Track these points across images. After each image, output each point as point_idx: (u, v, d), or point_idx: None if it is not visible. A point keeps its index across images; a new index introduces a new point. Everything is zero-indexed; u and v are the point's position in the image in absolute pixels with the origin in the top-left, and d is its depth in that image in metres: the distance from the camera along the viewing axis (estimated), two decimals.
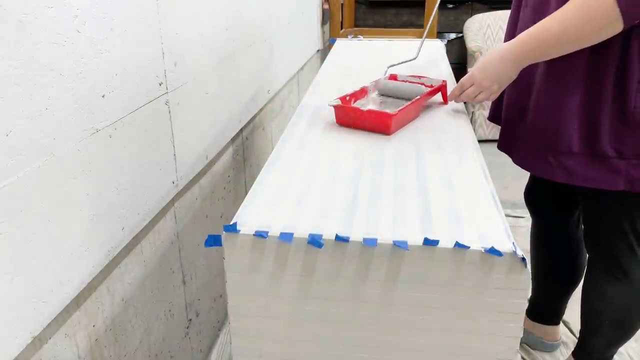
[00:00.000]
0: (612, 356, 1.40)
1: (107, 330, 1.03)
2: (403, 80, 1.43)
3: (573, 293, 1.55)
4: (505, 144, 1.30)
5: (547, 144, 1.14)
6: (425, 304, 0.77)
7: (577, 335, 1.67)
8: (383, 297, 0.77)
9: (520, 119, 1.22)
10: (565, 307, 1.59)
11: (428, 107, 1.30)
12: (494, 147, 1.36)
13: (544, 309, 1.61)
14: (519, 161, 1.23)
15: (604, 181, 1.09)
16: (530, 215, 1.55)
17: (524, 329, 1.62)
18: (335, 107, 1.18)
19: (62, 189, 0.84)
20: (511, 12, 1.30)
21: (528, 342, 1.65)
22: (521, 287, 0.74)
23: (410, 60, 1.43)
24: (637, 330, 1.32)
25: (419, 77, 1.40)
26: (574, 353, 1.45)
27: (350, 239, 0.75)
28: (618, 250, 1.21)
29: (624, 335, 1.33)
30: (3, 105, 0.71)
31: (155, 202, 1.14)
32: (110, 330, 1.04)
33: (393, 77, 1.45)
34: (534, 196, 1.51)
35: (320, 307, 0.79)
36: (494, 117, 1.38)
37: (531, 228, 1.57)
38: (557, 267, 1.52)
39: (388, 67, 1.41)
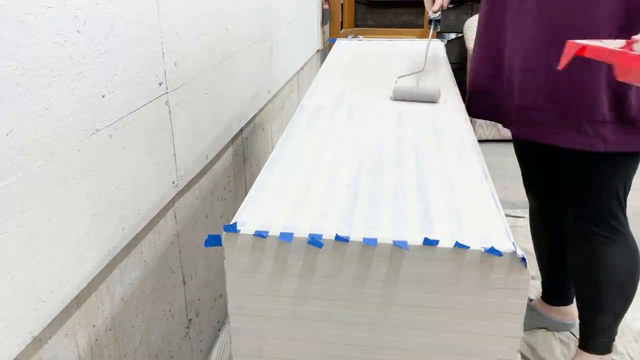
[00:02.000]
0: (614, 335, 1.43)
1: (107, 330, 1.03)
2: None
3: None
4: (525, 131, 1.33)
5: (585, 116, 1.21)
6: (426, 304, 0.77)
7: (579, 336, 1.67)
8: (383, 297, 0.77)
9: (549, 102, 1.26)
10: None
11: (428, 106, 1.30)
12: (494, 147, 1.37)
13: (559, 290, 1.67)
14: (559, 140, 1.27)
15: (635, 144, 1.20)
16: (531, 201, 1.60)
17: (544, 315, 1.71)
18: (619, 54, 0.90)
19: (62, 189, 0.84)
20: (487, 15, 1.37)
21: (550, 327, 1.71)
22: (521, 287, 0.74)
23: (417, 72, 1.51)
24: (634, 294, 1.37)
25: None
26: (581, 345, 1.46)
27: (350, 239, 0.75)
28: (613, 211, 1.29)
29: (627, 302, 1.38)
30: (3, 105, 0.71)
31: (155, 202, 1.14)
32: (110, 330, 1.04)
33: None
34: (533, 181, 1.56)
35: (320, 307, 0.79)
36: (483, 111, 1.43)
37: (532, 215, 1.63)
38: (564, 244, 1.58)
39: (398, 78, 1.46)
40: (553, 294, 1.70)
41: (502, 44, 1.33)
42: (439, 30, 1.53)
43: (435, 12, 1.48)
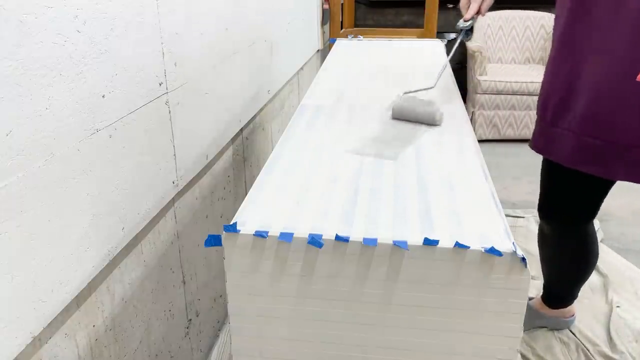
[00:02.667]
0: None
1: (107, 330, 1.03)
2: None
3: None
4: (623, 173, 1.13)
5: None
6: (426, 304, 0.77)
7: (579, 337, 1.67)
8: (383, 297, 0.77)
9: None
10: None
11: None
12: (494, 147, 1.34)
13: (564, 294, 1.64)
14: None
15: None
16: (549, 224, 1.46)
17: (545, 315, 1.67)
18: None
19: (62, 189, 0.84)
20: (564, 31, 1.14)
21: (550, 325, 1.69)
22: (521, 287, 0.74)
23: (427, 89, 1.32)
24: None
25: None
26: None
27: (350, 239, 0.75)
28: None
29: None
30: (3, 105, 0.71)
31: (155, 202, 1.14)
32: (110, 330, 1.04)
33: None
34: (563, 204, 1.38)
35: (320, 307, 0.79)
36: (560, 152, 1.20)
37: (546, 232, 1.49)
38: (580, 261, 1.50)
39: (403, 94, 1.30)
40: (557, 299, 1.66)
41: (582, 67, 1.11)
42: (468, 39, 1.37)
43: (467, 21, 1.27)
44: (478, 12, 1.26)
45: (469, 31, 1.30)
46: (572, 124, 1.15)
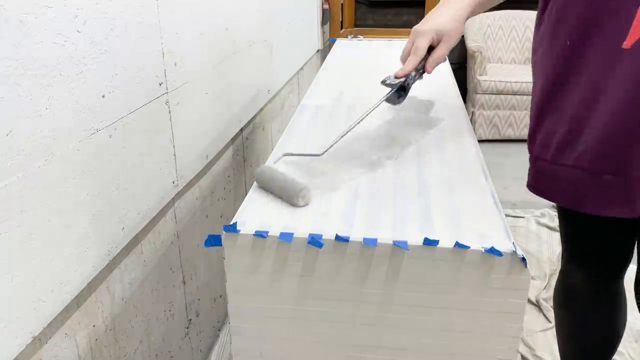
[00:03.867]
0: None
1: (107, 330, 1.03)
2: None
3: None
4: None
5: None
6: (426, 304, 0.77)
7: None
8: (383, 297, 0.77)
9: None
10: None
11: (428, 107, 1.30)
12: (494, 147, 1.33)
13: None
14: None
15: None
16: (587, 270, 1.18)
17: None
18: None
19: (62, 189, 0.84)
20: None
21: None
22: (521, 287, 0.74)
23: (313, 155, 0.98)
24: None
25: None
26: None
27: (350, 239, 0.75)
28: None
29: None
30: (3, 105, 0.71)
31: (155, 202, 1.14)
32: (110, 330, 1.04)
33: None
34: (597, 245, 1.13)
35: (320, 307, 0.79)
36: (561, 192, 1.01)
37: (580, 287, 1.20)
38: (619, 320, 1.21)
39: (283, 155, 0.98)
40: None
41: (597, 96, 0.91)
42: (397, 104, 1.02)
43: (397, 78, 0.99)
44: (422, 70, 0.99)
45: (401, 91, 1.00)
46: (582, 160, 0.95)
